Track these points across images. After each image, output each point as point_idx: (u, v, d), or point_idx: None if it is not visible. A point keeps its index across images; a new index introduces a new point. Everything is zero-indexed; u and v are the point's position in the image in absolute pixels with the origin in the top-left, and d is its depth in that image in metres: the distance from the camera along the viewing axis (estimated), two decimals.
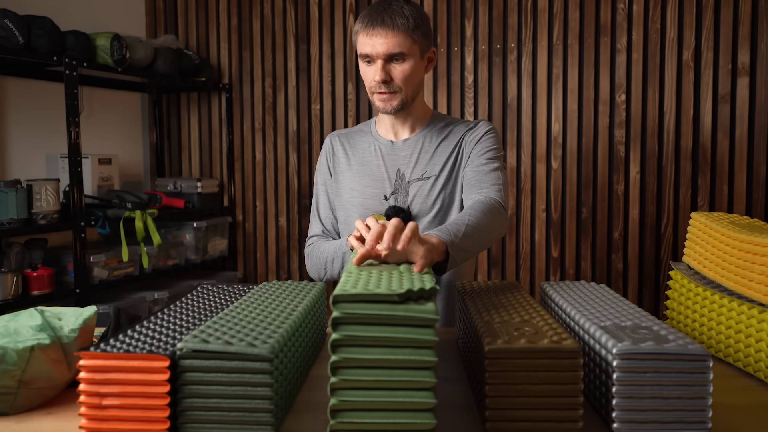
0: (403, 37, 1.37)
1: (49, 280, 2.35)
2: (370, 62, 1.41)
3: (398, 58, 1.39)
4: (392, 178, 1.50)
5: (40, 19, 2.37)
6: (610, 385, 0.80)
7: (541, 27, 2.82)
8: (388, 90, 1.40)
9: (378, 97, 1.43)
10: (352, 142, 1.57)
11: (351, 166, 1.54)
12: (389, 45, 1.37)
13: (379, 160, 1.52)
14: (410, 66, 1.40)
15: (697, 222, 1.23)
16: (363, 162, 1.53)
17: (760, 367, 1.02)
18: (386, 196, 1.49)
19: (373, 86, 1.42)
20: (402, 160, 1.50)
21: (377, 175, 1.51)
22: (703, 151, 2.66)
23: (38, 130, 2.71)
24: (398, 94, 1.41)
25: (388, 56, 1.38)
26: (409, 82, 1.41)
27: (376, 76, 1.39)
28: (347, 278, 0.84)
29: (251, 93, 3.27)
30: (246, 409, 0.78)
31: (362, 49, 1.40)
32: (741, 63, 2.59)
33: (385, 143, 1.53)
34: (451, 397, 0.94)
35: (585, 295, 1.06)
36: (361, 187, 1.51)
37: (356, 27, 1.42)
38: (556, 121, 2.82)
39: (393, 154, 1.51)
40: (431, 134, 1.51)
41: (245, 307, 0.96)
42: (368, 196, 1.50)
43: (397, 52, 1.38)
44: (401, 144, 1.52)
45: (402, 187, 1.48)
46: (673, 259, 2.71)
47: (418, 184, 1.47)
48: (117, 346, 0.81)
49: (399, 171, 1.50)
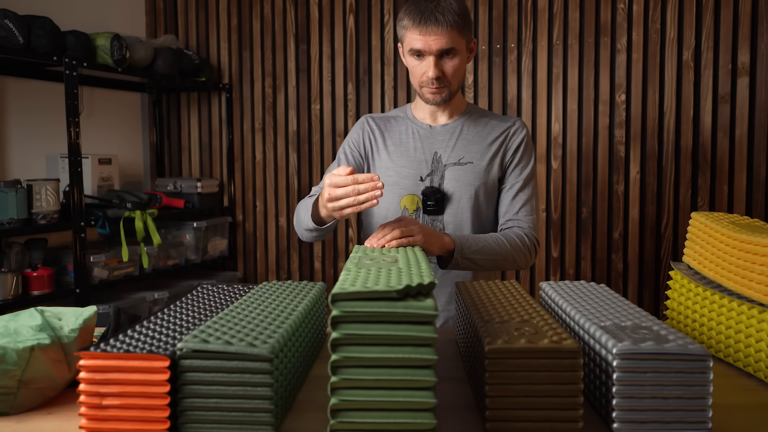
0: (455, 33, 1.42)
1: (49, 280, 2.35)
2: (420, 57, 1.44)
3: (449, 54, 1.44)
4: (429, 161, 1.54)
5: (40, 19, 2.37)
6: (610, 385, 0.80)
7: (541, 27, 2.81)
8: (440, 85, 1.46)
9: (428, 90, 1.48)
10: (388, 126, 1.61)
11: (387, 147, 1.58)
12: (442, 42, 1.41)
13: (417, 142, 1.56)
14: (459, 60, 1.46)
15: (697, 222, 1.23)
16: (400, 144, 1.58)
17: (760, 367, 1.02)
18: (422, 177, 1.53)
19: (424, 81, 1.46)
20: (439, 143, 1.55)
21: (414, 156, 1.55)
22: (703, 151, 2.66)
23: (38, 130, 2.71)
24: (447, 88, 1.48)
25: (440, 53, 1.42)
26: (458, 75, 1.48)
27: (430, 73, 1.43)
28: (346, 276, 0.84)
29: (251, 93, 3.27)
30: (246, 409, 0.78)
31: (413, 45, 1.43)
32: (741, 63, 2.59)
33: (424, 126, 1.58)
34: (451, 397, 0.94)
35: (585, 295, 1.06)
36: (397, 167, 1.55)
37: (404, 22, 1.44)
38: (556, 121, 2.82)
39: (431, 137, 1.56)
40: (469, 122, 1.57)
41: (245, 307, 0.96)
42: (404, 176, 1.54)
43: (450, 48, 1.42)
44: (440, 128, 1.57)
45: (438, 169, 1.53)
46: (673, 259, 2.71)
47: (455, 169, 1.52)
48: (117, 346, 0.81)
49: (436, 154, 1.54)
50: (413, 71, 1.49)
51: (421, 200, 1.52)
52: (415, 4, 1.43)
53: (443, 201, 1.52)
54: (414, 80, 1.50)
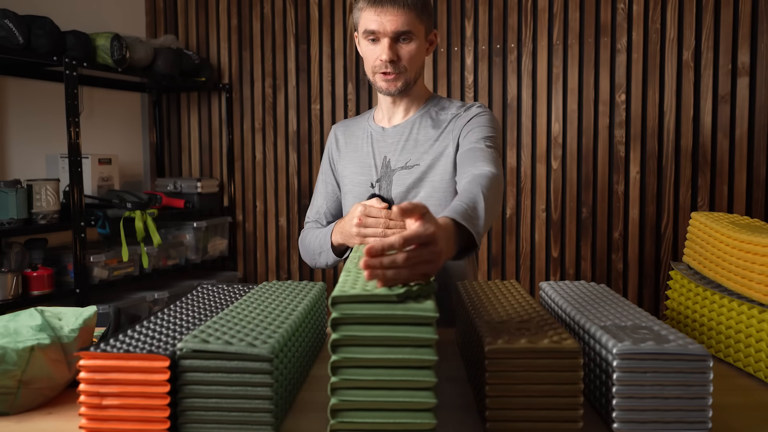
0: (413, 16, 1.34)
1: (49, 280, 2.35)
2: (375, 40, 1.36)
3: (405, 38, 1.35)
4: (378, 166, 1.46)
5: (40, 19, 2.37)
6: (610, 385, 0.80)
7: (541, 27, 2.81)
8: (394, 70, 1.36)
9: (381, 78, 1.38)
10: (351, 131, 1.56)
11: (347, 154, 1.53)
12: (398, 23, 1.32)
13: (369, 147, 1.49)
14: (416, 46, 1.37)
15: (697, 222, 1.23)
16: (355, 149, 1.52)
17: (760, 367, 1.02)
18: (372, 183, 1.46)
19: (377, 66, 1.37)
20: (389, 147, 1.46)
21: (365, 162, 1.48)
22: (703, 151, 2.66)
23: (38, 130, 2.71)
24: (402, 75, 1.38)
25: (395, 35, 1.34)
26: (414, 63, 1.38)
27: (383, 55, 1.34)
28: (346, 278, 0.84)
29: (251, 93, 3.27)
30: (246, 409, 0.78)
31: (368, 26, 1.35)
32: (741, 63, 2.59)
33: (377, 129, 1.50)
34: (451, 397, 0.94)
35: (585, 295, 1.06)
36: (352, 175, 1.50)
37: (360, 3, 1.37)
38: (556, 121, 2.82)
39: (382, 140, 1.48)
40: (420, 120, 1.46)
41: (245, 307, 0.96)
42: (357, 183, 1.48)
43: (406, 30, 1.34)
44: (391, 130, 1.47)
45: (387, 174, 1.45)
46: (673, 259, 2.71)
47: (402, 173, 1.43)
48: (117, 346, 0.81)
49: (386, 158, 1.46)
50: (366, 56, 1.39)
51: None
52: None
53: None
54: (367, 67, 1.40)
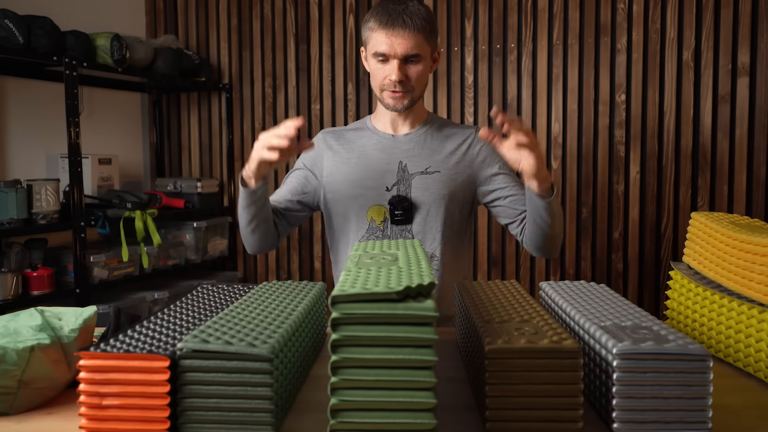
0: (421, 38, 1.40)
1: (49, 280, 2.35)
2: (384, 61, 1.42)
3: (414, 59, 1.42)
4: (394, 170, 1.52)
5: (40, 19, 2.37)
6: (610, 385, 0.80)
7: (541, 27, 2.81)
8: (402, 89, 1.43)
9: (390, 95, 1.45)
10: (347, 139, 1.59)
11: (349, 160, 1.55)
12: (408, 46, 1.39)
13: (380, 152, 1.54)
14: (423, 67, 1.44)
15: (697, 222, 1.23)
16: (362, 155, 1.55)
17: (760, 367, 1.02)
18: (388, 187, 1.51)
19: (386, 84, 1.44)
20: (404, 153, 1.53)
21: (378, 167, 1.53)
22: (703, 151, 2.66)
23: (38, 130, 2.71)
24: (410, 93, 1.45)
25: (405, 57, 1.40)
26: (421, 82, 1.46)
27: (393, 76, 1.41)
28: (346, 277, 0.84)
29: (251, 93, 3.27)
30: (246, 409, 0.78)
31: (378, 48, 1.40)
32: (741, 63, 2.59)
33: (386, 137, 1.56)
34: (451, 397, 0.94)
35: (585, 295, 1.06)
36: (362, 180, 1.53)
37: (370, 24, 1.41)
38: (556, 121, 2.82)
39: (394, 147, 1.54)
40: (432, 131, 1.56)
41: (245, 307, 0.96)
42: (369, 187, 1.52)
43: (415, 53, 1.40)
44: (403, 138, 1.55)
45: (404, 178, 1.51)
46: (673, 259, 2.71)
47: (423, 177, 1.51)
48: (117, 346, 0.81)
49: (401, 163, 1.52)
50: (375, 74, 1.46)
51: (388, 210, 1.50)
52: (382, 6, 1.41)
53: (411, 210, 1.49)
54: (375, 84, 1.47)
